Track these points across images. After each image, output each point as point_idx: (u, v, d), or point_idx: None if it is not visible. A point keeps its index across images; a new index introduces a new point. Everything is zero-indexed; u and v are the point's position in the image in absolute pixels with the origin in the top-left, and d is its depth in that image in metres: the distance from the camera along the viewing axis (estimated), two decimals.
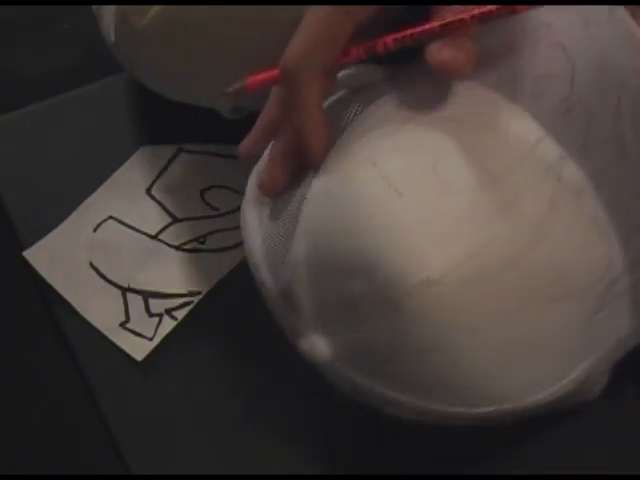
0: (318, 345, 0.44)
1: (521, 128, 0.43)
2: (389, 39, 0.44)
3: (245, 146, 0.48)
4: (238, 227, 0.55)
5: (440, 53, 0.43)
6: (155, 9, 0.51)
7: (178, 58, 0.53)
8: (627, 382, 0.49)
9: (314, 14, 0.44)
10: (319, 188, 0.44)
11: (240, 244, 0.55)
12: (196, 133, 0.58)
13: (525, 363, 0.43)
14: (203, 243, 0.56)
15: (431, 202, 0.42)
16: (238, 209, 0.56)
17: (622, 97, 0.42)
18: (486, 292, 0.42)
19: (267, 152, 0.48)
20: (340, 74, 0.46)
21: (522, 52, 0.44)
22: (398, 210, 0.42)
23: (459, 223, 0.42)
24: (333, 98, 0.47)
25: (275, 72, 0.46)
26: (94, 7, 0.57)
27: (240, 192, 0.56)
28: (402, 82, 0.46)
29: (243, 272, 0.54)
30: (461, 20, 0.43)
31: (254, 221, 0.47)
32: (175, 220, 0.57)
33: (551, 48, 0.43)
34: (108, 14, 0.54)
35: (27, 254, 0.55)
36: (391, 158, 0.43)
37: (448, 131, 0.43)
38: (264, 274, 0.46)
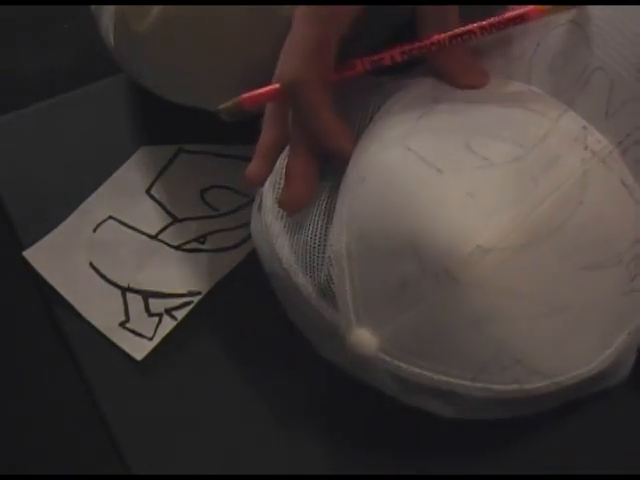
0: (365, 338, 0.44)
1: (543, 104, 0.46)
2: (396, 52, 0.46)
3: (252, 173, 0.49)
4: (238, 227, 0.56)
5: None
6: (155, 13, 0.51)
7: (178, 61, 0.53)
8: (627, 381, 0.49)
9: (299, 29, 0.45)
10: (352, 179, 0.45)
11: (240, 244, 0.55)
12: (196, 133, 0.58)
13: (573, 331, 0.44)
14: (203, 243, 0.56)
15: (472, 176, 0.43)
16: (238, 209, 0.56)
17: None
18: (537, 258, 0.43)
19: (280, 162, 0.48)
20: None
21: (536, 37, 0.46)
22: (441, 186, 0.43)
23: (502, 194, 0.43)
24: (350, 102, 0.48)
25: (270, 88, 0.46)
26: (93, 8, 0.57)
27: (240, 192, 0.57)
28: (417, 78, 0.48)
29: (243, 272, 0.55)
30: (469, 31, 0.45)
31: (278, 228, 0.48)
32: (175, 220, 0.57)
33: (564, 25, 0.46)
34: (107, 16, 0.54)
35: (27, 254, 0.55)
36: (423, 139, 0.45)
37: (472, 112, 0.45)
38: (298, 277, 0.47)
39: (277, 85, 0.46)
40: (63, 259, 0.55)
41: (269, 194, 0.48)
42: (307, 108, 0.46)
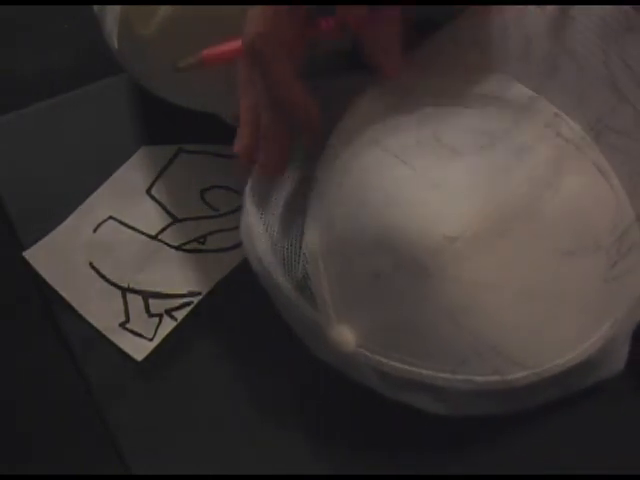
0: (344, 334, 0.45)
1: (513, 92, 0.45)
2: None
3: (241, 145, 0.48)
4: (238, 227, 0.55)
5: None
6: (159, 16, 0.51)
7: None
8: (627, 380, 0.49)
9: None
10: (327, 184, 0.45)
11: (240, 244, 0.55)
12: (196, 133, 0.58)
13: (552, 320, 0.44)
14: (203, 243, 0.56)
15: (439, 167, 0.43)
16: (238, 209, 0.56)
17: (605, 36, 0.43)
18: (508, 245, 0.43)
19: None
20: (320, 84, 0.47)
21: (504, 23, 0.46)
22: (408, 179, 0.43)
23: (470, 183, 0.43)
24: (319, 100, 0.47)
25: (232, 45, 0.46)
26: (96, 9, 0.57)
27: (240, 192, 0.57)
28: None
29: (243, 272, 0.54)
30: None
31: (259, 228, 0.48)
32: (175, 220, 0.57)
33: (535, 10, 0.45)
34: (111, 18, 0.54)
35: (27, 254, 0.55)
36: (393, 135, 0.45)
37: (442, 104, 0.45)
38: (278, 276, 0.47)
39: (239, 42, 0.46)
40: (63, 259, 0.55)
41: (249, 197, 0.49)
42: (270, 71, 0.45)
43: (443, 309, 0.43)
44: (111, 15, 0.54)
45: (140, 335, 0.53)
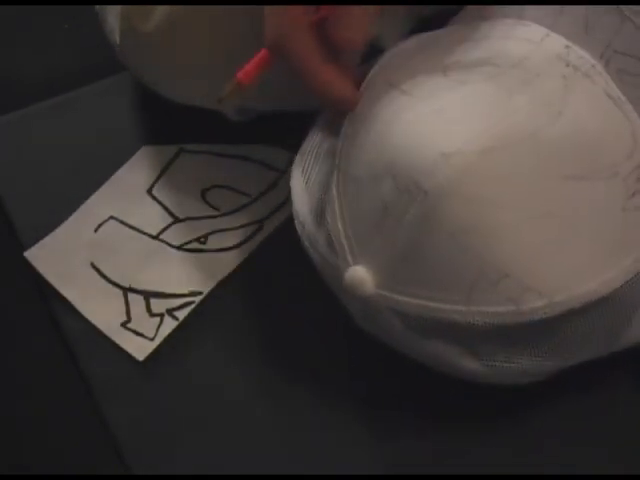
0: (361, 276, 0.45)
1: (527, 31, 0.46)
2: None
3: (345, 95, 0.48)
4: (239, 227, 0.56)
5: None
6: (160, 13, 0.51)
7: (183, 62, 0.53)
8: (627, 380, 0.49)
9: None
10: (349, 123, 0.46)
11: (241, 244, 0.55)
12: (197, 133, 0.58)
13: (562, 243, 0.44)
14: (204, 243, 0.56)
15: (443, 95, 0.44)
16: (239, 209, 0.56)
17: None
18: (509, 162, 0.43)
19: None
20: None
21: None
22: (411, 107, 0.44)
23: (473, 106, 0.44)
24: None
25: (260, 55, 0.46)
26: (97, 7, 0.57)
27: (241, 192, 0.57)
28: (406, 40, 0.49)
29: (244, 272, 0.55)
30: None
31: (300, 183, 0.49)
32: (176, 220, 0.56)
33: None
34: (112, 16, 0.54)
35: (28, 254, 0.55)
36: (405, 74, 0.46)
37: (457, 46, 0.46)
38: (310, 229, 0.48)
39: (265, 50, 0.46)
40: (64, 259, 0.55)
41: (299, 154, 0.50)
42: (298, 66, 0.45)
43: (443, 230, 0.43)
44: (112, 12, 0.54)
45: (141, 335, 0.53)
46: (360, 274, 0.45)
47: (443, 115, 0.44)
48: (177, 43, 0.52)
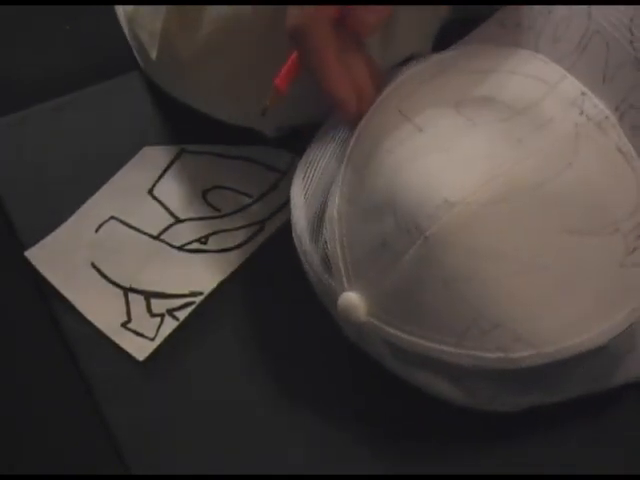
0: (355, 302, 0.45)
1: (544, 70, 0.45)
2: None
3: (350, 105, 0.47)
4: (240, 228, 0.56)
5: None
6: (201, 37, 0.52)
7: (222, 84, 0.53)
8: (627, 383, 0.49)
9: None
10: (353, 145, 0.46)
11: (242, 244, 0.56)
12: (198, 134, 0.58)
13: (556, 298, 0.43)
14: (205, 244, 0.56)
15: (451, 135, 0.44)
16: (240, 210, 0.56)
17: (634, 16, 0.44)
18: (511, 214, 0.42)
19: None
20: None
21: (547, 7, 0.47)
22: (418, 143, 0.44)
23: (480, 150, 0.43)
24: None
25: (293, 57, 0.46)
26: (122, 19, 0.57)
27: (242, 193, 0.57)
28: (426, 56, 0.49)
29: (245, 273, 0.55)
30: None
31: (299, 197, 0.49)
32: (177, 220, 0.56)
33: None
34: (144, 33, 0.55)
35: (29, 254, 0.55)
36: (415, 102, 0.45)
37: (473, 79, 0.45)
38: (306, 244, 0.47)
39: (294, 54, 0.46)
40: (65, 259, 0.55)
41: (300, 166, 0.50)
42: (312, 58, 0.45)
43: (438, 276, 0.43)
44: (145, 29, 0.55)
45: (142, 335, 0.53)
46: (354, 301, 0.45)
47: (451, 160, 0.43)
48: (215, 67, 0.52)
